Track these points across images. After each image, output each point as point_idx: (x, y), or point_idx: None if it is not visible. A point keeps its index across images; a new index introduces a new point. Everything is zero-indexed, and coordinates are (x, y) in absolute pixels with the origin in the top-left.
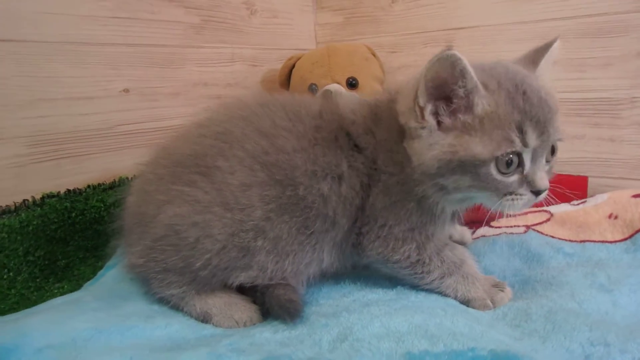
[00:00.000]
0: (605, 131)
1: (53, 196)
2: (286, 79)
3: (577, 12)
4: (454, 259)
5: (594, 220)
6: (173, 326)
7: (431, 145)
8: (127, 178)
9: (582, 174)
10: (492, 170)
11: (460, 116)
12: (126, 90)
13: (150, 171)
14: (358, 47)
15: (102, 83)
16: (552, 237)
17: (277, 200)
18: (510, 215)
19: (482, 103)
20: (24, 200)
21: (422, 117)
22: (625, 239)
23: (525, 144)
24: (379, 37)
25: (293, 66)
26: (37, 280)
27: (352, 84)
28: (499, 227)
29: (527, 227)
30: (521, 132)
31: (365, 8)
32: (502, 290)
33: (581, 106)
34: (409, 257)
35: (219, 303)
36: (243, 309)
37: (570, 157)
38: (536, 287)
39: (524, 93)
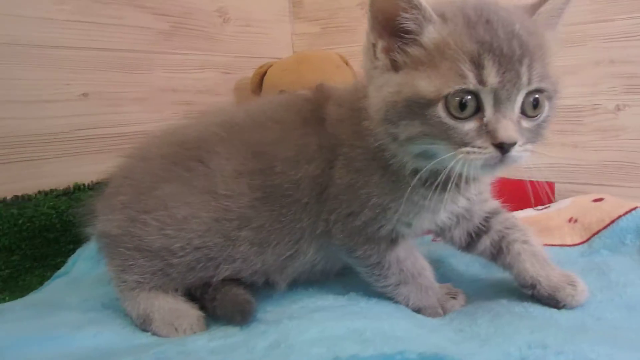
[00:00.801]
0: (569, 137)
1: None
2: (258, 86)
3: None
4: (413, 270)
5: (555, 224)
6: (103, 335)
7: (381, 86)
8: (84, 184)
9: (549, 180)
10: (441, 112)
11: (410, 50)
12: (85, 95)
13: (155, 145)
14: (329, 55)
15: (60, 86)
16: None
17: (261, 189)
18: (472, 178)
19: (431, 31)
20: None
21: (375, 55)
22: (583, 242)
23: (481, 82)
24: (354, 46)
25: (265, 73)
26: None
27: None
28: None
29: None
30: (477, 66)
31: (340, 18)
32: (455, 298)
33: None
34: (369, 256)
35: (164, 308)
36: (186, 315)
37: (537, 163)
38: (488, 292)
39: (488, 22)
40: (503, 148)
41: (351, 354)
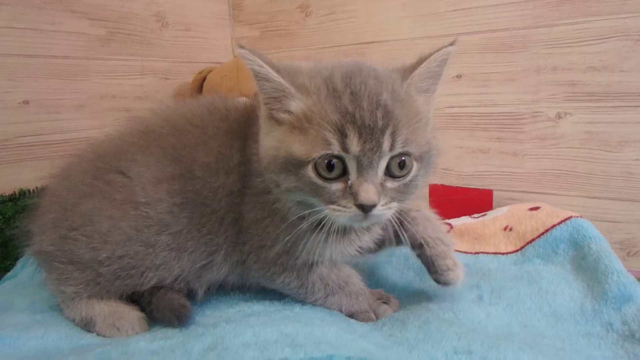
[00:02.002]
0: (509, 145)
1: None
2: (197, 92)
3: (481, 27)
4: (339, 281)
5: (490, 232)
6: (50, 336)
7: (266, 133)
8: (29, 190)
9: (487, 188)
10: (310, 173)
11: (284, 115)
12: (26, 102)
13: (77, 162)
14: None
15: None
16: None
17: (181, 195)
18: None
19: (296, 102)
20: None
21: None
22: (516, 251)
23: (345, 149)
24: (294, 50)
25: (204, 79)
26: None
27: None
28: None
29: None
30: (341, 135)
31: (279, 22)
32: (387, 303)
33: (486, 120)
34: (290, 282)
35: (105, 311)
36: (127, 316)
37: (475, 171)
38: (420, 299)
39: (353, 93)
40: (364, 208)
41: (282, 357)
